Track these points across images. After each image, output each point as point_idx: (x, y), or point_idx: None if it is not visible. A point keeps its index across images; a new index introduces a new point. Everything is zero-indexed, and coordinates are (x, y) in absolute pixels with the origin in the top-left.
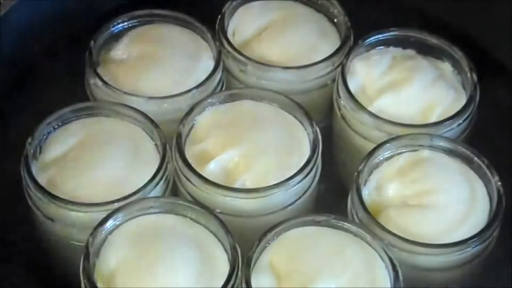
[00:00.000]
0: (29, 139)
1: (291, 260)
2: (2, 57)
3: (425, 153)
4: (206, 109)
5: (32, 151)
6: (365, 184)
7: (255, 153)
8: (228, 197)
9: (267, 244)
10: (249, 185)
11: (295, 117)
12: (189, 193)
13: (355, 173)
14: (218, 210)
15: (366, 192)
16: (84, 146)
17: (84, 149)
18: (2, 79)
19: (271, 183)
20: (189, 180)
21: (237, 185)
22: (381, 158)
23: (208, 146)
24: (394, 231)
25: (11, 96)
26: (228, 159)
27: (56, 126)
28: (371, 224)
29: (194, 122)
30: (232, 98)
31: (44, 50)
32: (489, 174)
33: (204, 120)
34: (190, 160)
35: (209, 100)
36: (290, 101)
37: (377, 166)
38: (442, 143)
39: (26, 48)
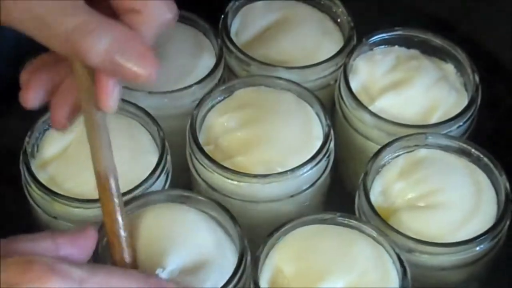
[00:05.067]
0: (27, 138)
1: (299, 259)
2: (2, 57)
3: (422, 152)
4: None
5: (30, 149)
6: (369, 190)
7: (268, 136)
8: (235, 181)
9: (273, 244)
10: (257, 169)
11: (311, 106)
12: (200, 176)
13: (360, 181)
14: (223, 192)
15: (372, 198)
16: (82, 142)
17: (82, 145)
18: (2, 79)
19: (280, 170)
20: (200, 163)
21: (243, 167)
22: (381, 163)
23: (223, 128)
24: (408, 234)
25: (11, 96)
26: (239, 139)
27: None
28: (386, 230)
29: (209, 107)
30: (249, 84)
31: (44, 50)
32: (490, 164)
33: (220, 104)
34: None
35: (223, 87)
36: (308, 92)
37: (378, 171)
38: (438, 140)
39: (26, 48)
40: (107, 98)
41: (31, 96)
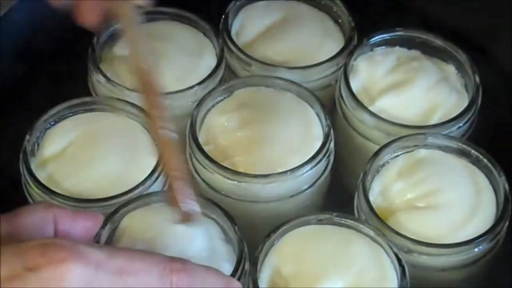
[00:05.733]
0: (27, 137)
1: (297, 259)
2: (2, 57)
3: (422, 152)
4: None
5: (30, 148)
6: (368, 190)
7: (268, 136)
8: (235, 181)
9: (272, 245)
10: (257, 169)
11: (312, 106)
12: (200, 176)
13: (359, 181)
14: (223, 192)
15: (370, 199)
16: (82, 142)
17: (82, 145)
18: (2, 79)
19: (280, 170)
20: (200, 163)
21: (243, 167)
22: (380, 163)
23: (223, 128)
24: (407, 235)
25: (12, 96)
26: (239, 139)
27: (52, 123)
28: (385, 230)
29: (209, 107)
30: (249, 84)
31: (44, 50)
32: (490, 165)
33: (220, 104)
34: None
35: (223, 87)
36: (308, 92)
37: (377, 171)
38: (438, 141)
39: (26, 48)
40: None
41: None
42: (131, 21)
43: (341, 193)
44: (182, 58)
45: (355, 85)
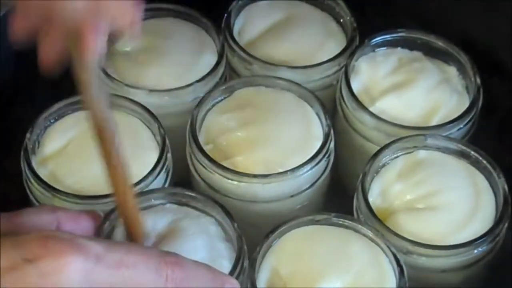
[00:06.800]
0: (28, 134)
1: (295, 260)
2: (2, 56)
3: (421, 153)
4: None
5: (31, 146)
6: (368, 191)
7: (268, 136)
8: (235, 181)
9: (270, 246)
10: (257, 169)
11: (311, 106)
12: (200, 176)
13: (359, 182)
14: (223, 192)
15: (370, 200)
16: (83, 139)
17: (83, 142)
18: (2, 78)
19: (280, 170)
20: (200, 163)
21: (243, 167)
22: (380, 164)
23: (223, 127)
24: (406, 236)
25: (12, 95)
26: (239, 139)
27: (53, 120)
28: (384, 231)
29: (209, 106)
30: (250, 83)
31: None
32: (489, 167)
33: (220, 104)
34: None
35: (224, 87)
36: (308, 92)
37: (377, 172)
38: (437, 142)
39: (27, 48)
40: (91, 42)
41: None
42: (87, 65)
43: (341, 193)
44: (182, 55)
45: (356, 85)
